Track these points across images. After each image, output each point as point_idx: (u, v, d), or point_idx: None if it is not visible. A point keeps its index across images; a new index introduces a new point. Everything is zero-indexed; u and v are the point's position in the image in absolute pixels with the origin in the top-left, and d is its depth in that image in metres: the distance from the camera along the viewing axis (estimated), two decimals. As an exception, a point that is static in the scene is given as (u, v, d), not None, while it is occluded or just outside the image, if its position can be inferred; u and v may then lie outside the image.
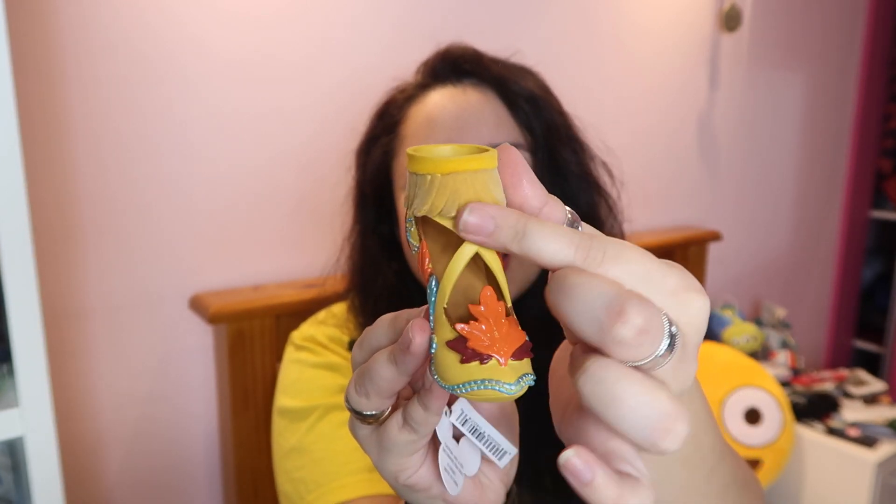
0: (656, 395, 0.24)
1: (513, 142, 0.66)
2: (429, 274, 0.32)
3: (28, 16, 0.93)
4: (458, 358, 0.29)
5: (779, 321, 2.12)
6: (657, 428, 0.24)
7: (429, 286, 0.32)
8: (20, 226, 0.71)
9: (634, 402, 0.24)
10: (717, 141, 1.98)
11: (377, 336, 0.36)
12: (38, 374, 0.74)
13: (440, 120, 0.66)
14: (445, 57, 0.71)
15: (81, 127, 0.99)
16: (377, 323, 0.36)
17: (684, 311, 0.27)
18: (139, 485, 1.12)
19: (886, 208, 2.60)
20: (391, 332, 0.35)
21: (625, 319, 0.24)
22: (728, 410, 1.65)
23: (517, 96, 0.67)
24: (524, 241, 0.28)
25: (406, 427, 0.35)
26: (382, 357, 0.34)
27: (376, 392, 0.34)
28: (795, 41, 2.14)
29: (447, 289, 0.30)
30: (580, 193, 0.69)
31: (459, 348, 0.29)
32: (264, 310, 1.09)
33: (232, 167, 1.13)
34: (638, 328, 0.24)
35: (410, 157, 0.31)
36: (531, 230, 0.28)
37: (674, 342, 0.26)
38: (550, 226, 0.28)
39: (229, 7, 1.08)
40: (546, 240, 0.27)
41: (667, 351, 0.26)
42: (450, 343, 0.29)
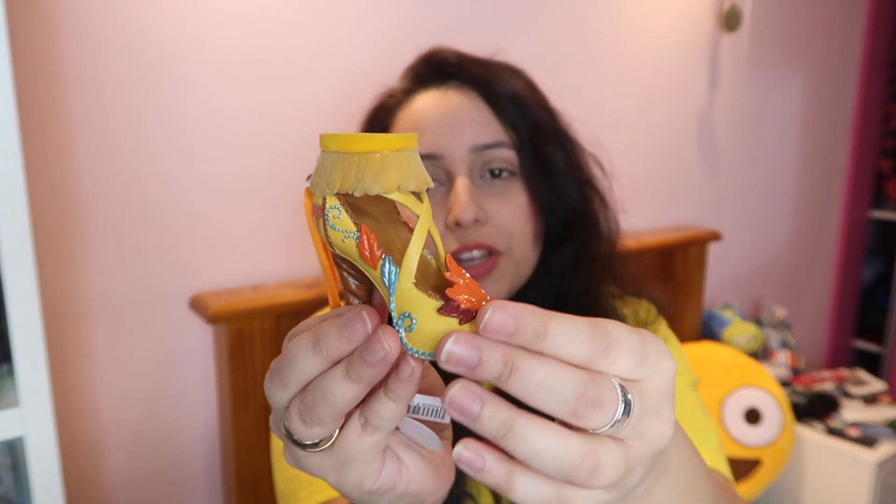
0: (573, 442, 0.28)
1: (497, 141, 0.66)
2: (380, 256, 0.31)
3: (28, 16, 0.93)
4: (453, 323, 0.30)
5: (779, 321, 2.12)
6: (573, 468, 0.28)
7: (382, 269, 0.31)
8: (20, 226, 0.71)
9: (552, 453, 0.28)
10: (717, 141, 1.98)
11: (302, 368, 0.32)
12: (38, 374, 0.74)
13: (425, 124, 0.67)
14: (428, 61, 0.72)
15: (81, 127, 0.99)
16: (292, 355, 0.32)
17: (660, 376, 0.30)
18: (139, 484, 1.12)
19: (886, 208, 2.60)
20: (320, 357, 0.32)
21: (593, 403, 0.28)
22: (728, 410, 1.65)
23: (500, 97, 0.68)
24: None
25: (369, 429, 0.33)
26: (336, 378, 0.31)
27: (333, 417, 0.32)
28: (795, 41, 2.14)
29: (413, 264, 0.31)
30: (569, 189, 0.69)
31: (455, 312, 0.30)
32: (264, 310, 1.09)
33: (232, 167, 1.13)
34: (591, 401, 0.28)
35: (347, 138, 0.30)
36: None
37: (629, 409, 0.29)
38: (547, 365, 0.29)
39: (229, 9, 1.08)
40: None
41: (621, 419, 0.28)
42: (442, 310, 0.30)
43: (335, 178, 0.31)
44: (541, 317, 0.28)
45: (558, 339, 0.28)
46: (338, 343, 0.31)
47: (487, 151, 0.66)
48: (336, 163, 0.31)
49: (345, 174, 0.30)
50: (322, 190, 0.31)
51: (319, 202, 0.32)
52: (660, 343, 0.31)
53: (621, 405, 0.28)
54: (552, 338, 0.28)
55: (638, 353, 0.29)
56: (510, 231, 0.65)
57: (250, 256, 1.17)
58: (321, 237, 0.33)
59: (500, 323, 0.28)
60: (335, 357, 0.31)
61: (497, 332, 0.28)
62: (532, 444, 0.28)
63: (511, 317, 0.28)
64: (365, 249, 0.31)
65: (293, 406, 0.33)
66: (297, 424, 0.33)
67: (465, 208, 0.62)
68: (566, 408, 0.28)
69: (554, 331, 0.28)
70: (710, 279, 2.00)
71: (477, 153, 0.66)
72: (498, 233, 0.65)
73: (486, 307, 0.28)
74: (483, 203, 0.65)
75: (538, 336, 0.28)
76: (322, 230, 0.32)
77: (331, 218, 0.31)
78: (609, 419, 0.28)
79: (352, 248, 0.31)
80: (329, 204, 0.31)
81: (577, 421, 0.28)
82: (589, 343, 0.28)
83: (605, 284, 0.73)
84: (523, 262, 0.67)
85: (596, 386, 0.28)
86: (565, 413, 0.28)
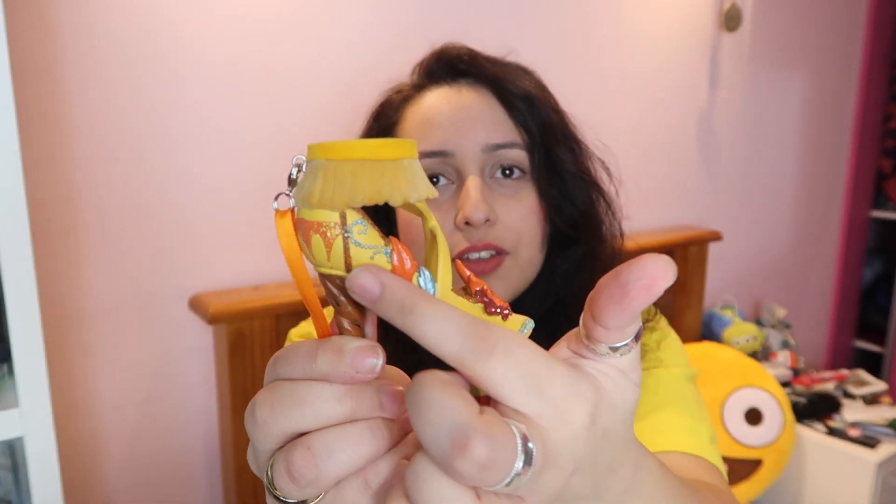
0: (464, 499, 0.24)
1: (510, 141, 0.66)
2: (416, 268, 0.29)
3: (28, 17, 0.93)
4: (497, 320, 0.30)
5: (779, 321, 2.12)
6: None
7: (419, 282, 0.29)
8: (20, 226, 0.71)
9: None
10: (717, 141, 1.98)
11: (317, 417, 0.28)
12: (37, 374, 0.74)
13: (436, 120, 0.66)
14: (440, 57, 0.71)
15: (81, 127, 0.99)
16: (305, 398, 0.28)
17: (563, 420, 0.26)
18: (139, 484, 1.12)
19: (886, 208, 2.60)
20: (345, 408, 0.28)
21: (466, 454, 0.23)
22: (728, 410, 1.65)
23: (513, 96, 0.67)
24: (409, 318, 0.26)
25: (371, 490, 0.29)
26: (356, 439, 0.28)
27: (339, 478, 0.28)
28: (796, 41, 2.14)
29: (450, 270, 0.30)
30: (577, 191, 0.69)
31: (496, 311, 0.30)
32: (264, 310, 1.09)
33: (232, 167, 1.13)
34: (480, 464, 0.23)
35: (377, 145, 0.28)
36: (419, 309, 0.26)
37: (531, 461, 0.24)
38: (444, 309, 0.26)
39: (229, 10, 1.08)
40: (433, 323, 0.26)
41: (521, 472, 0.24)
42: (489, 310, 0.30)
43: (365, 189, 0.28)
44: (413, 293, 0.27)
45: (425, 320, 0.26)
46: (370, 403, 0.28)
47: (500, 151, 0.65)
48: (361, 172, 0.28)
49: (376, 184, 0.28)
50: (342, 204, 0.28)
51: (328, 218, 0.28)
52: (578, 383, 0.26)
53: (519, 461, 0.24)
54: (419, 316, 0.26)
55: (531, 377, 0.25)
56: (519, 232, 0.65)
57: (250, 256, 1.17)
58: (321, 259, 0.29)
59: (363, 286, 0.27)
60: (363, 414, 0.28)
61: (361, 294, 0.27)
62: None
63: (378, 283, 0.27)
64: (403, 263, 0.29)
65: (280, 459, 0.28)
66: (285, 482, 0.28)
67: (477, 207, 0.61)
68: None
69: (422, 309, 0.26)
70: (710, 279, 2.00)
71: (489, 152, 0.65)
72: (507, 234, 0.64)
73: (357, 269, 0.28)
74: (493, 203, 0.64)
75: (403, 309, 0.26)
76: (335, 251, 0.28)
77: (355, 234, 0.28)
78: (499, 479, 0.24)
79: (381, 265, 0.28)
80: (351, 219, 0.28)
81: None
82: (461, 337, 0.25)
83: None
84: (528, 264, 0.67)
85: (468, 423, 0.24)
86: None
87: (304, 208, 0.29)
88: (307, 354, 0.29)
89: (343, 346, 0.28)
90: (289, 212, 0.30)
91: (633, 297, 0.26)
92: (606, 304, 0.26)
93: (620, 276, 0.26)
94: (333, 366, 0.28)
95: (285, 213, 0.30)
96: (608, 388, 0.28)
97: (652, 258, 0.25)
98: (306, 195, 0.29)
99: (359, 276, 0.27)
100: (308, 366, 0.28)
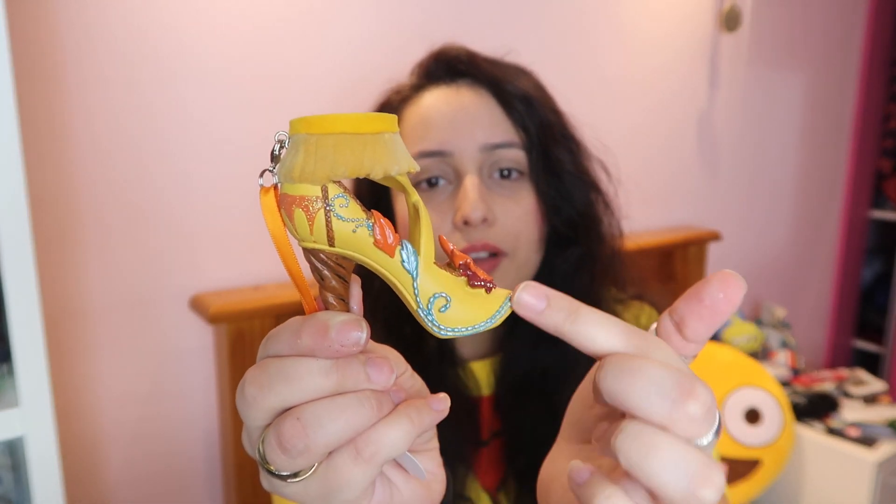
0: (691, 448, 0.26)
1: (508, 141, 0.66)
2: (398, 242, 0.29)
3: (29, 17, 0.93)
4: (480, 293, 0.30)
5: (779, 321, 2.12)
6: (697, 476, 0.25)
7: (401, 255, 0.29)
8: (20, 226, 0.71)
9: (672, 455, 0.25)
10: (717, 141, 1.98)
11: (304, 389, 0.28)
12: (38, 374, 0.74)
13: (434, 120, 0.66)
14: (439, 57, 0.71)
15: (82, 127, 0.99)
16: (290, 373, 0.28)
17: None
18: (139, 484, 1.12)
19: (886, 208, 2.60)
20: (331, 381, 0.29)
21: (696, 397, 0.26)
22: (728, 410, 1.65)
23: (512, 96, 0.67)
24: (577, 322, 0.28)
25: (362, 459, 0.29)
26: (352, 404, 0.28)
27: (329, 448, 0.29)
28: (795, 41, 2.14)
29: (433, 244, 0.30)
30: (575, 192, 0.69)
31: (480, 283, 0.30)
32: (264, 310, 1.09)
33: (232, 168, 1.13)
34: (707, 406, 0.26)
35: (357, 119, 0.28)
36: (583, 313, 0.29)
37: (719, 427, 0.28)
38: (601, 314, 0.29)
39: (228, 13, 1.08)
40: (598, 326, 0.28)
41: (717, 430, 0.27)
42: (472, 284, 0.30)
43: (347, 162, 0.28)
44: (573, 300, 0.29)
45: (590, 322, 0.28)
46: (357, 376, 0.29)
47: (498, 151, 0.65)
48: (343, 146, 0.28)
49: (358, 157, 0.28)
50: (324, 177, 0.28)
51: (310, 192, 0.28)
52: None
53: (717, 421, 0.27)
54: (584, 319, 0.28)
55: (678, 363, 0.29)
56: (517, 233, 0.65)
57: (250, 256, 1.17)
58: (304, 233, 0.29)
59: (530, 302, 0.29)
60: (350, 387, 0.29)
61: (528, 309, 0.29)
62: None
63: (544, 296, 0.29)
64: (385, 237, 0.29)
65: (271, 432, 0.29)
66: (276, 454, 0.29)
67: (475, 207, 0.61)
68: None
69: (586, 313, 0.28)
70: (710, 279, 2.00)
71: (487, 152, 0.65)
72: (504, 234, 0.64)
73: (522, 286, 0.29)
74: (491, 204, 0.64)
75: (569, 315, 0.28)
76: (317, 225, 0.29)
77: (337, 208, 0.28)
78: (710, 429, 0.27)
79: (363, 239, 0.29)
80: (333, 193, 0.28)
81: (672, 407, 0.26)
82: (624, 335, 0.28)
83: (605, 288, 0.73)
84: (526, 264, 0.67)
85: (687, 374, 0.27)
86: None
87: (287, 183, 0.29)
88: (293, 331, 0.29)
89: (327, 322, 0.29)
90: (272, 188, 0.30)
91: (722, 313, 0.30)
92: (698, 324, 0.30)
93: (703, 297, 0.29)
94: (318, 341, 0.28)
95: (269, 189, 0.30)
96: None
97: (722, 277, 0.29)
98: (288, 170, 0.29)
99: (524, 295, 0.29)
100: (294, 342, 0.29)
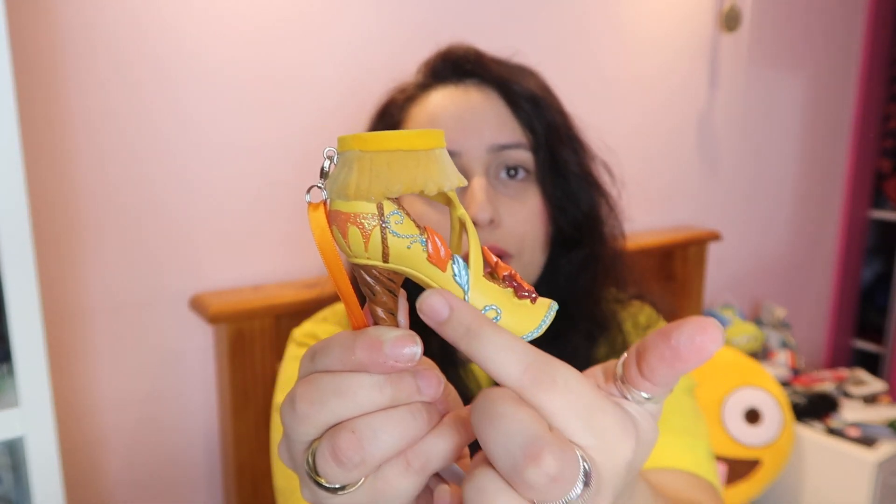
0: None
1: (515, 142, 0.65)
2: (450, 256, 0.30)
3: (29, 16, 0.93)
4: (525, 303, 0.30)
5: (779, 321, 2.12)
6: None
7: (453, 269, 0.29)
8: (20, 226, 0.71)
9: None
10: (717, 141, 1.98)
11: (358, 404, 0.28)
12: (38, 374, 0.74)
13: (441, 120, 0.66)
14: (446, 57, 0.71)
15: (82, 127, 0.99)
16: (344, 388, 0.28)
17: (612, 454, 0.27)
18: (139, 484, 1.12)
19: (886, 208, 2.60)
20: (385, 396, 0.28)
21: (539, 464, 0.24)
22: (728, 410, 1.65)
23: (519, 96, 0.67)
24: (473, 342, 0.27)
25: (413, 470, 0.29)
26: (399, 422, 0.28)
27: (383, 460, 0.28)
28: (795, 41, 2.14)
29: (481, 257, 0.30)
30: (581, 193, 0.69)
31: (525, 294, 0.30)
32: (264, 310, 1.09)
33: (232, 167, 1.13)
34: (550, 476, 0.24)
35: (408, 136, 0.29)
36: (485, 335, 0.27)
37: (589, 483, 0.25)
38: (508, 337, 0.27)
39: (230, 13, 1.08)
40: (497, 349, 0.27)
41: (581, 493, 0.25)
42: (518, 294, 0.30)
43: (401, 179, 0.28)
44: (479, 318, 0.28)
45: (489, 346, 0.27)
46: (409, 389, 0.29)
47: (505, 152, 0.65)
48: (397, 163, 0.28)
49: (412, 174, 0.28)
50: (379, 195, 0.28)
51: (365, 210, 0.28)
52: (626, 422, 0.27)
53: (580, 483, 0.25)
54: (484, 342, 0.27)
55: (587, 411, 0.27)
56: (522, 234, 0.65)
57: (250, 256, 1.17)
58: (358, 250, 0.30)
59: (433, 308, 0.28)
60: (402, 400, 0.29)
61: (429, 315, 0.28)
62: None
63: (448, 306, 0.28)
64: (438, 251, 0.29)
65: (324, 444, 0.29)
66: (330, 467, 0.28)
67: (482, 208, 0.61)
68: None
69: (488, 336, 0.27)
70: (710, 279, 2.00)
71: (495, 153, 0.65)
72: (510, 236, 0.64)
73: (428, 291, 0.29)
74: (498, 205, 0.64)
75: (469, 333, 0.27)
76: (373, 241, 0.29)
77: (392, 224, 0.29)
78: (562, 495, 0.25)
79: (417, 254, 0.29)
80: (388, 210, 0.29)
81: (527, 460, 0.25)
82: (523, 366, 0.27)
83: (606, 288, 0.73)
84: (531, 266, 0.67)
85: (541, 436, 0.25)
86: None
87: (340, 200, 0.29)
88: (345, 346, 0.29)
89: (381, 337, 0.29)
90: (321, 204, 0.30)
91: (685, 360, 0.27)
92: (658, 365, 0.27)
93: (671, 337, 0.27)
94: (373, 356, 0.28)
95: (318, 205, 0.30)
96: (643, 427, 0.29)
97: (700, 321, 0.27)
98: (342, 187, 0.29)
99: (429, 298, 0.28)
100: (347, 357, 0.29)
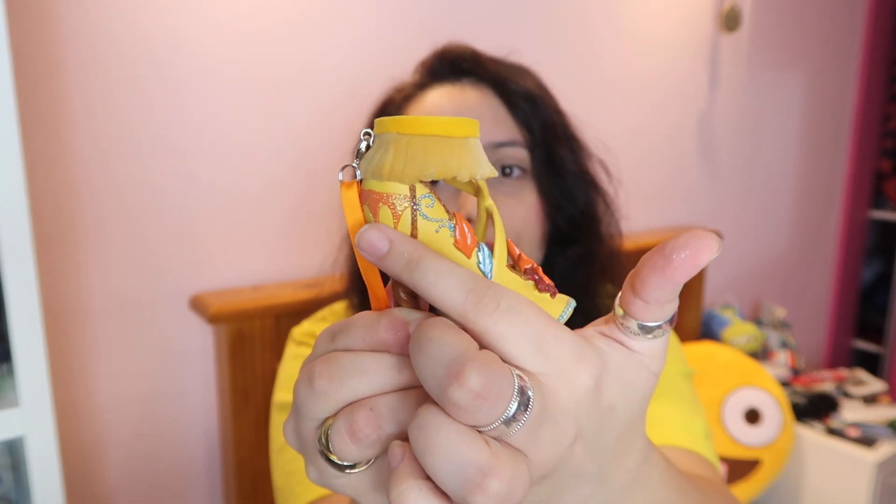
0: (472, 443, 0.23)
1: (511, 140, 0.66)
2: (476, 243, 0.30)
3: (29, 17, 0.93)
4: (545, 297, 0.30)
5: (779, 321, 2.12)
6: (469, 481, 0.23)
7: (478, 256, 0.29)
8: (20, 226, 0.71)
9: (448, 452, 0.23)
10: (717, 141, 1.98)
11: (378, 383, 0.28)
12: (38, 374, 0.74)
13: None
14: (443, 56, 0.71)
15: (82, 127, 0.99)
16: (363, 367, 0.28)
17: (567, 381, 0.25)
18: (139, 484, 1.12)
19: (886, 208, 2.60)
20: (404, 377, 0.28)
21: (461, 381, 0.23)
22: (728, 410, 1.65)
23: (515, 95, 0.67)
24: (415, 272, 0.27)
25: None
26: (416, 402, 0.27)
27: (398, 435, 0.28)
28: (795, 41, 2.15)
29: (505, 247, 0.30)
30: (577, 191, 0.69)
31: (546, 288, 0.30)
32: (264, 310, 1.09)
33: (231, 167, 1.13)
34: (474, 392, 0.23)
35: (447, 122, 0.29)
36: (426, 263, 0.27)
37: (528, 405, 0.24)
38: (448, 264, 0.27)
39: (231, 13, 1.08)
40: (439, 275, 0.26)
41: (516, 415, 0.24)
42: (539, 287, 0.30)
43: (436, 163, 0.28)
44: (419, 248, 0.27)
45: (430, 273, 0.26)
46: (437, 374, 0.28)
47: (502, 149, 0.65)
48: (433, 147, 0.29)
49: (446, 160, 0.29)
50: (413, 177, 0.29)
51: (398, 190, 0.29)
52: (584, 350, 0.26)
53: (514, 403, 0.24)
54: (424, 270, 0.27)
55: (535, 336, 0.25)
56: (518, 232, 0.65)
57: (250, 256, 1.17)
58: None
59: (371, 243, 0.28)
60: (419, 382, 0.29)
61: (369, 252, 0.28)
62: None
63: (386, 239, 0.28)
64: (465, 238, 0.29)
65: (341, 421, 0.28)
66: (345, 444, 0.28)
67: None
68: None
69: (428, 263, 0.27)
70: (710, 279, 2.00)
71: (491, 151, 0.65)
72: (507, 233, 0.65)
73: (365, 226, 0.28)
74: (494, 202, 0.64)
75: (410, 263, 0.27)
76: (403, 222, 0.29)
77: (423, 207, 0.29)
78: (494, 416, 0.24)
79: (444, 239, 0.29)
80: (420, 192, 0.29)
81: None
82: (465, 290, 0.26)
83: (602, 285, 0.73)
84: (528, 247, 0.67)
85: (465, 353, 0.24)
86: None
87: (374, 180, 0.30)
88: (369, 326, 0.29)
89: (405, 318, 0.28)
90: (354, 183, 0.31)
91: (677, 267, 0.26)
92: (650, 275, 0.26)
93: (665, 247, 0.26)
94: (398, 336, 0.28)
95: (351, 183, 0.31)
96: (617, 362, 0.28)
97: (697, 231, 0.26)
98: (377, 167, 0.29)
99: (366, 233, 0.28)
100: (371, 337, 0.29)
